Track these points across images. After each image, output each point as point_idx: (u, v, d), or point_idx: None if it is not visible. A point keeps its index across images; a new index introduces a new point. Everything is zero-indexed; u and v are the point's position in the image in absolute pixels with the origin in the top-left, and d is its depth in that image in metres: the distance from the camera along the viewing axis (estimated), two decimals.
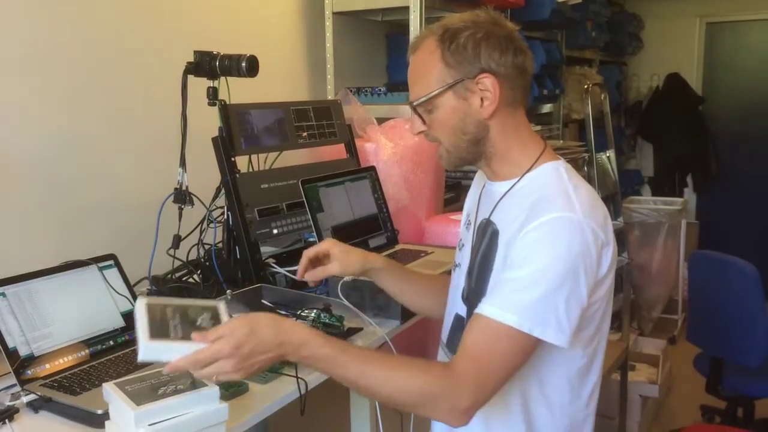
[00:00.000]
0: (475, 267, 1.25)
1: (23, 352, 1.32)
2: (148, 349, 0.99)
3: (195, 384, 1.06)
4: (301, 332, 1.08)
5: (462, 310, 1.30)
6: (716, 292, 2.82)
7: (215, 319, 1.08)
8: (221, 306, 1.12)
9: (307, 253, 1.41)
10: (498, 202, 1.23)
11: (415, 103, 1.20)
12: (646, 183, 6.00)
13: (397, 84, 2.88)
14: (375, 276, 1.45)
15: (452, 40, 1.16)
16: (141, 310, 1.04)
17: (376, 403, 1.52)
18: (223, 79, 1.81)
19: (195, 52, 1.79)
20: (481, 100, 1.17)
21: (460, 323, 1.30)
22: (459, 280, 1.32)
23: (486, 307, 1.10)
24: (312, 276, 1.41)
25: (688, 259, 3.09)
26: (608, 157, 3.98)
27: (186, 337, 1.01)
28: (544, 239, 1.09)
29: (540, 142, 1.24)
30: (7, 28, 1.74)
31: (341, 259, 1.41)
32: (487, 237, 1.23)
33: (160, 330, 1.01)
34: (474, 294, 1.24)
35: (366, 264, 1.43)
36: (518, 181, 1.21)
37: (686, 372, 3.26)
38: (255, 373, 1.07)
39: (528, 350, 1.10)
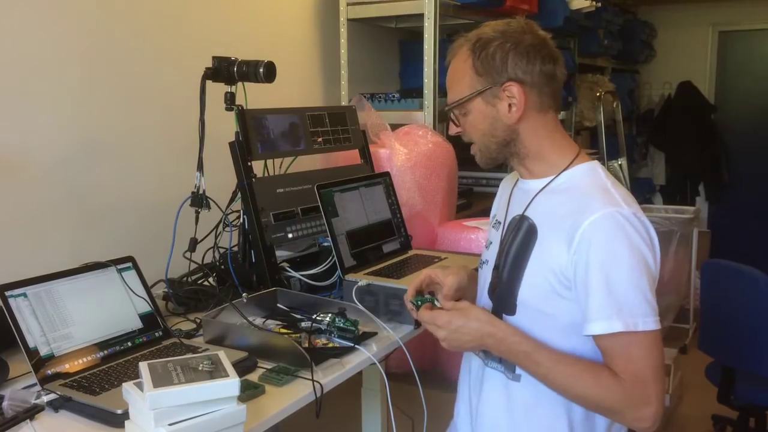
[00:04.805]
0: (507, 261, 1.29)
1: (43, 351, 1.33)
2: (153, 398, 1.01)
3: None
4: (505, 330, 1.22)
5: (489, 305, 1.34)
6: (728, 301, 2.81)
7: (216, 365, 1.10)
8: (221, 353, 1.15)
9: (415, 285, 1.39)
10: (533, 198, 1.28)
11: (448, 107, 1.30)
12: (657, 191, 5.99)
13: (410, 90, 2.89)
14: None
15: (482, 49, 1.24)
16: (143, 368, 1.07)
17: (389, 404, 1.53)
18: (240, 84, 1.83)
19: (214, 57, 1.81)
20: (509, 106, 1.24)
21: None
22: (486, 277, 1.37)
23: (608, 324, 1.13)
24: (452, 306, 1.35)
25: (700, 268, 3.08)
26: (620, 165, 3.99)
27: (189, 381, 1.04)
28: (607, 238, 1.14)
29: (575, 146, 1.31)
30: (28, 32, 1.77)
31: (450, 272, 1.40)
32: (522, 232, 1.28)
33: (162, 379, 1.04)
34: (505, 287, 1.28)
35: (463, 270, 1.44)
36: (554, 178, 1.27)
37: (698, 381, 3.25)
38: (456, 349, 1.27)
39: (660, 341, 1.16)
